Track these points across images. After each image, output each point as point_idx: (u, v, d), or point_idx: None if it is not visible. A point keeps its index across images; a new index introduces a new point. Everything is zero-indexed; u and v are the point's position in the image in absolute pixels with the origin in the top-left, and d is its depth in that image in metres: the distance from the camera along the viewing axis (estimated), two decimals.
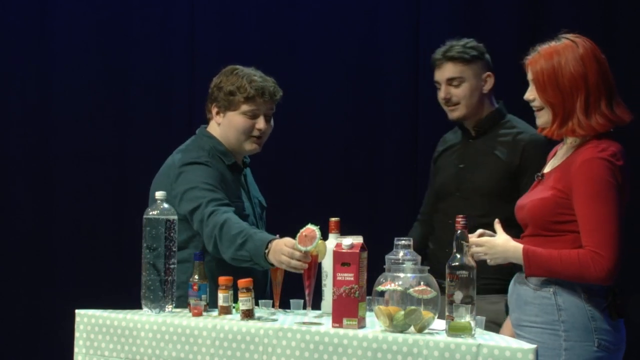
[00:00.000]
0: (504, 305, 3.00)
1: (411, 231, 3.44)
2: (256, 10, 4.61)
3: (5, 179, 4.66)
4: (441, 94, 3.31)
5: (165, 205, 2.74)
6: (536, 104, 2.65)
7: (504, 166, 3.18)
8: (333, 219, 2.70)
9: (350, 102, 4.53)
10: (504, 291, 2.78)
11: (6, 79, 4.67)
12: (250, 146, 3.12)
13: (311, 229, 2.48)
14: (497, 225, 2.65)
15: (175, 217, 2.76)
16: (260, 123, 3.09)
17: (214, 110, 3.12)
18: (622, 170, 2.53)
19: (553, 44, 2.63)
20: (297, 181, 4.56)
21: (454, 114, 3.30)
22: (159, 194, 2.75)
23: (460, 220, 2.37)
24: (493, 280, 3.03)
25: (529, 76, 2.65)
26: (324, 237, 2.54)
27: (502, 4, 4.36)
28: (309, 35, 4.56)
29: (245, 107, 3.07)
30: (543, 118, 2.65)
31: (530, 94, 2.65)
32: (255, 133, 3.10)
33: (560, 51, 2.60)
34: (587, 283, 2.51)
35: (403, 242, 2.48)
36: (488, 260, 2.62)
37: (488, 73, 3.29)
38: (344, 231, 2.67)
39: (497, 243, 2.59)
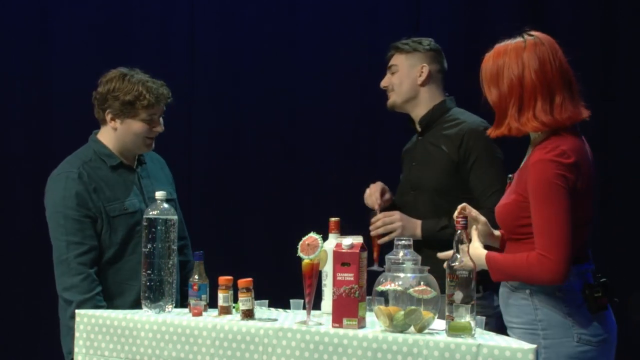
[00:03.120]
0: (493, 300, 3.09)
1: None
2: (256, 10, 4.61)
3: (5, 179, 4.66)
4: (383, 81, 3.44)
5: (165, 205, 2.74)
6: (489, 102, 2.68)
7: (447, 160, 3.22)
8: (333, 219, 2.70)
9: (350, 102, 4.53)
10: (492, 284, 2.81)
11: (6, 79, 4.67)
12: (145, 148, 3.24)
13: (314, 237, 2.47)
14: (474, 232, 2.66)
15: (175, 217, 2.76)
16: (158, 127, 3.21)
17: (108, 116, 3.18)
18: (574, 166, 2.50)
19: (507, 42, 2.64)
20: (297, 181, 4.56)
21: (388, 102, 3.42)
22: (159, 194, 2.76)
23: (460, 220, 2.37)
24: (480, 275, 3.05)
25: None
26: (324, 237, 2.54)
27: (502, 4, 4.36)
28: (309, 35, 4.56)
29: (143, 114, 3.16)
30: None
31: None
32: (153, 135, 3.20)
33: (509, 51, 2.60)
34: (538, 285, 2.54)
35: (403, 242, 2.47)
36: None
37: (423, 65, 3.34)
38: (344, 231, 2.67)
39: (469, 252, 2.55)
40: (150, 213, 2.72)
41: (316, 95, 4.56)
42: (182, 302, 2.99)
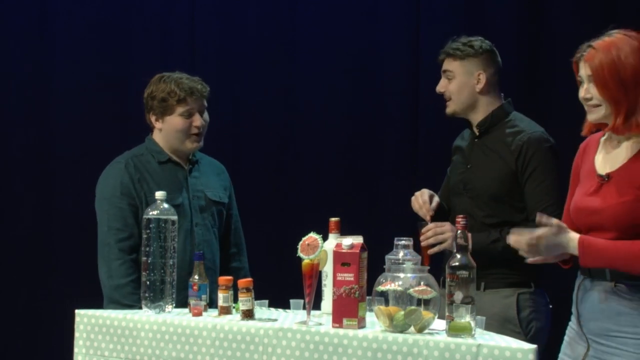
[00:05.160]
0: (515, 299, 3.05)
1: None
2: (256, 10, 4.61)
3: (5, 179, 4.66)
4: (438, 86, 3.32)
5: (165, 205, 2.74)
6: (594, 101, 2.55)
7: (505, 168, 3.15)
8: (333, 219, 2.70)
9: (351, 102, 4.53)
10: (516, 285, 2.79)
11: (6, 78, 4.67)
12: (191, 145, 3.32)
13: (314, 237, 2.46)
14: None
15: (175, 217, 2.76)
16: (197, 120, 3.30)
17: (153, 118, 3.33)
18: None
19: (606, 38, 2.55)
20: (297, 181, 4.56)
21: (447, 109, 3.31)
22: (159, 194, 2.76)
23: (460, 220, 2.37)
24: (506, 274, 3.07)
25: (585, 72, 2.55)
26: (324, 237, 2.54)
27: (502, 4, 4.36)
28: (309, 35, 4.56)
29: (180, 109, 3.27)
30: (599, 113, 2.55)
31: (587, 92, 2.55)
32: (194, 130, 3.29)
33: (618, 44, 2.51)
34: None
35: (403, 242, 2.47)
36: (534, 257, 2.55)
37: (479, 72, 3.24)
38: (344, 231, 2.67)
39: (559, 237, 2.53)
40: (150, 213, 2.73)
41: (316, 95, 4.56)
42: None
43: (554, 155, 3.16)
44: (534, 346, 2.20)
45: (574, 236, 2.51)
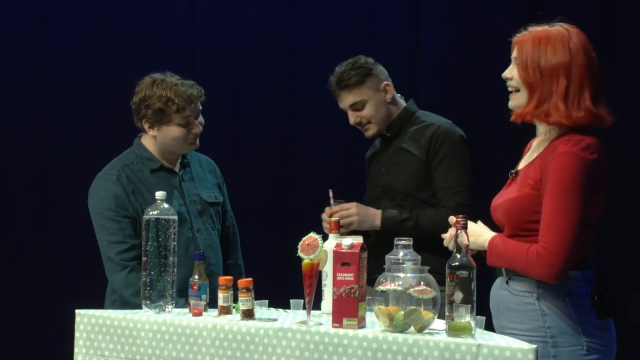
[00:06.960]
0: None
1: None
2: (256, 10, 4.62)
3: (5, 179, 4.66)
4: (351, 120, 3.43)
5: (165, 206, 2.74)
6: (513, 83, 2.60)
7: (416, 161, 3.27)
8: (333, 219, 2.70)
9: None
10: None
11: (6, 78, 4.67)
12: (188, 147, 3.27)
13: (314, 237, 2.46)
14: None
15: (175, 217, 2.76)
16: (196, 128, 3.22)
17: (145, 125, 3.22)
18: (597, 163, 2.46)
19: (546, 27, 2.60)
20: (297, 181, 4.56)
21: (369, 132, 3.43)
22: (159, 194, 2.76)
23: (460, 220, 2.36)
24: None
25: (514, 54, 2.62)
26: (324, 237, 2.54)
27: (502, 4, 4.36)
28: (309, 35, 4.57)
29: (178, 119, 3.17)
30: (517, 100, 2.59)
31: (509, 72, 2.61)
32: (192, 137, 3.22)
33: (551, 36, 2.56)
34: (539, 280, 2.48)
35: (403, 242, 2.48)
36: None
37: (385, 83, 3.38)
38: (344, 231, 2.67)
39: (478, 227, 2.62)
40: (150, 213, 2.73)
41: (316, 95, 4.54)
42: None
43: (464, 144, 3.29)
44: (534, 346, 2.20)
45: (487, 234, 2.58)
